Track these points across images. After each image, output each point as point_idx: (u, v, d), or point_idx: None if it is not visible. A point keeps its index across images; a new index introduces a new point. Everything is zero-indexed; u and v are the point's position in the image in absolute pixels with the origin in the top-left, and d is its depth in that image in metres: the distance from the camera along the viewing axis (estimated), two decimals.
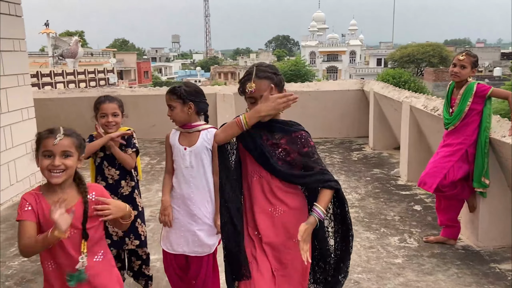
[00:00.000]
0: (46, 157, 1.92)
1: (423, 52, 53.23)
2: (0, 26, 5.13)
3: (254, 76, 2.03)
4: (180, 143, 2.74)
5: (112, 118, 2.94)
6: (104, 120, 2.94)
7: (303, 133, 2.10)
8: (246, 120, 2.02)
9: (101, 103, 2.95)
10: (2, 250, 4.02)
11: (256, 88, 2.02)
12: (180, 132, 2.78)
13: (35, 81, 27.24)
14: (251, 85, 2.02)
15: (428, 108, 4.91)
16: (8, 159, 5.23)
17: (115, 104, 2.96)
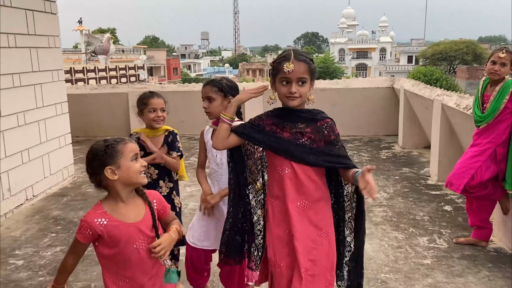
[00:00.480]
0: (135, 160, 1.98)
1: (456, 50, 51.85)
2: (36, 23, 5.29)
3: (293, 57, 2.00)
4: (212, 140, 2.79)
5: (161, 113, 2.99)
6: (154, 114, 2.97)
7: (328, 120, 2.09)
8: (224, 113, 2.13)
9: (149, 98, 2.99)
10: (36, 241, 4.16)
11: (294, 69, 1.98)
12: (213, 129, 2.80)
13: (69, 77, 28.01)
14: (289, 65, 1.98)
15: (460, 107, 4.78)
16: (42, 153, 5.39)
17: (162, 99, 3.02)
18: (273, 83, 2.11)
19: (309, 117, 2.08)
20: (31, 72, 5.21)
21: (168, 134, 3.04)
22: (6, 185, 4.74)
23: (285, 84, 2.02)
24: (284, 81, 2.02)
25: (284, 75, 2.00)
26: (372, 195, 1.83)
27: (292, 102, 2.03)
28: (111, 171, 1.94)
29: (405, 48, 76.01)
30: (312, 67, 2.05)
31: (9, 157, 4.78)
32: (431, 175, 5.68)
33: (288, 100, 2.03)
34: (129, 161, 1.94)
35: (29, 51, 5.18)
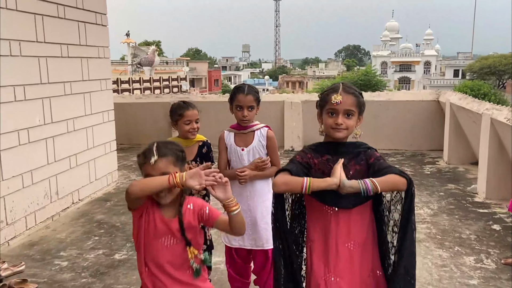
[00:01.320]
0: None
1: (505, 64, 49.85)
2: (87, 34, 5.53)
3: (342, 89, 2.00)
4: (236, 144, 2.86)
5: (195, 125, 3.01)
6: (189, 126, 2.99)
7: (369, 150, 2.05)
8: (309, 184, 1.89)
9: (185, 109, 2.98)
10: (80, 243, 4.30)
11: (342, 100, 1.97)
12: (235, 133, 2.89)
13: (115, 87, 29.01)
14: (337, 97, 1.98)
15: (511, 121, 4.57)
16: (88, 159, 5.59)
17: (196, 110, 3.04)
18: (320, 115, 2.09)
19: (352, 150, 2.04)
20: (81, 81, 5.44)
21: (203, 144, 3.05)
22: (54, 189, 4.94)
23: (332, 116, 2.01)
24: (330, 113, 2.01)
25: (331, 106, 2.00)
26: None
27: (338, 134, 2.01)
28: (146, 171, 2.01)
29: (451, 62, 73.76)
30: (360, 101, 2.04)
31: (58, 162, 4.98)
32: (479, 192, 5.44)
33: (334, 131, 2.01)
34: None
35: (80, 61, 5.42)
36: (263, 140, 2.85)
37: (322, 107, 2.06)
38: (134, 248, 2.13)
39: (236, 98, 2.82)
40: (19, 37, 4.37)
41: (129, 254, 4.01)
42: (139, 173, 7.29)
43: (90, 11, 5.58)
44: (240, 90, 2.82)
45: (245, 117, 2.79)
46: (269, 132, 2.89)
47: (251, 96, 2.80)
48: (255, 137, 2.85)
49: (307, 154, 2.07)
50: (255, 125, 2.88)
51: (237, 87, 2.90)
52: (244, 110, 2.79)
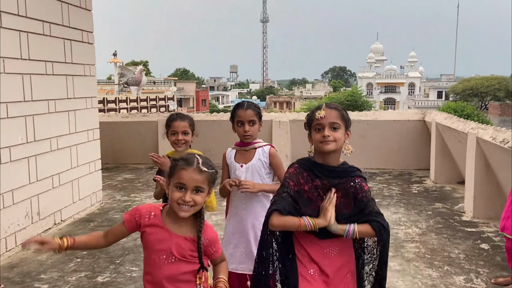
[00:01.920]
0: (178, 188, 1.88)
1: (487, 86, 51.00)
2: (73, 52, 5.48)
3: (324, 105, 2.10)
4: (236, 161, 2.81)
5: (182, 137, 2.98)
6: (174, 138, 2.99)
7: (358, 179, 2.10)
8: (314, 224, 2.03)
9: (173, 120, 3.00)
10: (62, 265, 4.15)
11: (326, 115, 2.06)
12: (236, 150, 2.85)
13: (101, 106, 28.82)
14: (321, 112, 2.07)
15: (497, 140, 4.61)
16: (72, 178, 5.47)
17: (186, 122, 3.01)
18: (310, 135, 2.16)
19: (343, 176, 2.10)
20: (66, 98, 5.36)
21: None
22: (36, 209, 4.80)
23: (319, 131, 2.08)
24: (317, 128, 2.08)
25: (317, 122, 2.08)
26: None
27: (326, 146, 2.07)
28: (167, 183, 1.95)
29: (434, 83, 75.21)
30: (344, 114, 2.12)
31: (40, 181, 4.86)
32: (466, 211, 5.44)
33: (322, 145, 2.07)
34: (173, 185, 1.90)
35: (65, 79, 5.35)
36: (264, 158, 2.79)
37: (310, 126, 2.14)
38: (117, 270, 2.06)
39: (236, 114, 2.79)
40: (3, 54, 4.30)
41: (112, 276, 3.89)
42: (124, 192, 7.15)
43: (76, 29, 5.55)
44: (239, 106, 2.80)
45: (247, 132, 2.74)
46: (271, 149, 2.85)
47: (251, 110, 2.77)
48: (256, 155, 2.79)
49: (300, 178, 2.11)
50: (257, 142, 2.84)
51: (237, 103, 2.89)
52: (245, 125, 2.74)
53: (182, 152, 2.99)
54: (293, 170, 2.14)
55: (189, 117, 3.07)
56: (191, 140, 3.05)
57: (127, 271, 3.98)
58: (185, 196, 1.85)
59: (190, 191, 1.86)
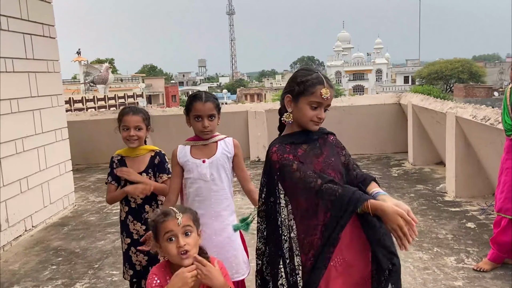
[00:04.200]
0: (168, 240, 1.81)
1: (451, 69, 52.31)
2: (34, 47, 5.14)
3: (327, 84, 1.89)
4: (194, 157, 2.47)
5: (134, 132, 2.68)
6: (126, 133, 2.69)
7: (331, 136, 2.05)
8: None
9: (124, 114, 2.71)
10: (36, 274, 3.90)
11: (330, 96, 1.89)
12: (191, 146, 2.51)
13: (68, 107, 27.95)
14: (327, 91, 1.87)
15: (477, 118, 4.59)
16: (41, 181, 5.17)
17: (140, 116, 2.71)
18: (291, 102, 1.93)
19: (318, 136, 2.00)
20: (30, 97, 5.03)
21: (155, 155, 2.75)
22: (4, 216, 4.49)
23: (314, 109, 1.90)
24: (314, 105, 1.89)
25: (318, 100, 1.88)
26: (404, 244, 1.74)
27: (315, 127, 1.94)
28: (159, 248, 1.87)
29: (401, 69, 76.68)
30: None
31: (7, 186, 4.55)
32: (448, 191, 5.44)
33: (313, 124, 1.93)
34: (165, 242, 1.81)
35: (28, 76, 5.02)
36: (229, 149, 2.51)
37: (301, 95, 1.89)
38: (97, 275, 1.89)
39: (193, 107, 2.43)
40: None
41: (91, 282, 3.66)
42: (98, 193, 6.84)
43: (36, 23, 5.21)
44: (197, 98, 2.44)
45: (206, 127, 2.41)
46: (235, 141, 2.57)
47: (211, 103, 2.42)
48: (219, 148, 2.48)
49: (285, 147, 1.93)
50: (216, 135, 2.52)
51: (193, 95, 2.49)
52: (204, 120, 2.41)
53: (136, 149, 2.74)
54: (276, 149, 1.93)
55: (143, 111, 2.76)
56: (146, 136, 2.77)
57: (107, 276, 3.76)
58: (179, 242, 1.79)
59: (181, 236, 1.80)
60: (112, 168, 2.77)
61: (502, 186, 3.36)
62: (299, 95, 1.90)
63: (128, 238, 2.72)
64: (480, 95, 38.89)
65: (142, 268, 2.71)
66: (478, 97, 36.91)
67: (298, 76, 1.94)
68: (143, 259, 2.68)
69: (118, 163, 2.77)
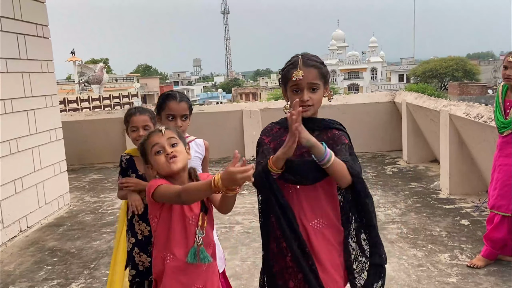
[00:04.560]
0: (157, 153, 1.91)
1: (446, 67, 52.52)
2: (28, 47, 5.13)
3: (301, 63, 1.86)
4: None
5: (143, 132, 2.68)
6: (135, 134, 2.70)
7: (337, 132, 1.94)
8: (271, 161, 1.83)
9: (132, 115, 2.73)
10: (31, 274, 3.89)
11: (304, 75, 1.84)
12: None
13: (62, 107, 27.85)
14: (298, 73, 1.84)
15: (471, 116, 4.62)
16: (36, 181, 5.15)
17: (147, 116, 2.73)
18: (285, 92, 1.96)
19: (321, 126, 1.94)
20: (24, 97, 5.02)
21: None
22: None
23: (296, 93, 1.88)
24: (295, 90, 1.88)
25: (293, 83, 1.87)
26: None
27: (305, 113, 1.86)
28: (151, 168, 1.93)
29: (395, 67, 76.80)
30: (323, 71, 1.91)
31: (1, 187, 4.54)
32: (442, 188, 5.47)
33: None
34: (153, 156, 1.89)
35: (21, 76, 5.00)
36: (200, 151, 2.54)
37: (285, 84, 1.93)
38: (92, 275, 1.87)
39: (167, 106, 2.44)
40: None
41: (87, 282, 3.66)
42: (93, 194, 6.83)
43: (30, 23, 5.19)
44: (171, 97, 2.46)
45: (179, 128, 2.40)
46: (205, 142, 2.63)
47: (185, 103, 2.46)
48: (192, 150, 2.45)
49: (274, 128, 1.98)
50: (187, 137, 2.52)
51: (167, 94, 2.52)
52: (177, 120, 2.42)
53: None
54: (264, 128, 2.02)
55: (149, 111, 2.78)
56: None
57: (102, 275, 3.75)
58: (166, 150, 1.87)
59: (168, 145, 1.88)
60: (121, 167, 2.78)
61: (495, 183, 3.39)
62: (284, 84, 1.94)
63: (133, 238, 2.72)
64: (474, 93, 39.06)
65: (144, 269, 2.71)
66: (472, 95, 37.07)
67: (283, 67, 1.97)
68: (146, 260, 2.68)
69: (127, 163, 2.77)
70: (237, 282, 3.46)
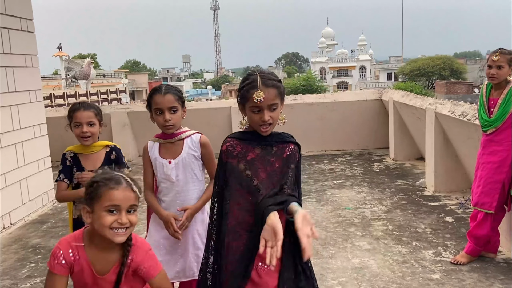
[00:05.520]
0: (109, 212, 1.66)
1: (433, 65, 52.99)
2: (11, 41, 5.04)
3: (261, 84, 1.85)
4: (162, 156, 2.41)
5: (86, 128, 2.62)
6: (79, 130, 2.63)
7: (292, 146, 1.97)
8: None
9: (75, 110, 2.64)
10: (14, 272, 3.84)
11: (265, 97, 1.84)
12: (160, 143, 2.44)
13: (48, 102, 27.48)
14: (259, 94, 1.84)
15: (456, 114, 4.66)
16: (19, 178, 5.08)
17: (92, 112, 2.65)
18: (243, 109, 1.96)
19: (279, 141, 1.97)
20: (7, 92, 4.94)
21: (110, 150, 2.69)
22: None
23: (257, 113, 1.88)
24: (255, 109, 1.88)
25: (254, 104, 1.86)
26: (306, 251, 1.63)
27: (266, 131, 1.90)
28: (86, 211, 1.71)
29: (384, 66, 77.28)
30: (281, 90, 1.94)
31: None
32: (427, 186, 5.52)
33: (262, 128, 1.90)
34: (102, 211, 1.66)
35: (5, 71, 4.92)
36: (195, 149, 2.42)
37: (244, 103, 1.92)
38: None
39: (153, 100, 2.34)
40: None
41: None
42: None
43: (13, 16, 5.11)
44: (156, 91, 2.36)
45: (168, 121, 2.32)
46: (202, 138, 2.46)
47: (171, 95, 2.33)
48: (184, 147, 2.40)
49: (236, 147, 1.96)
50: (183, 132, 2.42)
51: (154, 88, 2.42)
52: (165, 114, 2.32)
53: (90, 145, 2.68)
54: (226, 148, 1.98)
55: (95, 106, 2.70)
56: (99, 132, 2.71)
57: None
58: (121, 218, 1.66)
59: (125, 212, 1.68)
60: (64, 165, 2.70)
61: (479, 181, 3.43)
62: (243, 103, 1.93)
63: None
64: (461, 91, 39.49)
65: None
66: (459, 94, 37.45)
67: (240, 84, 1.96)
68: None
69: (71, 160, 2.71)
70: None
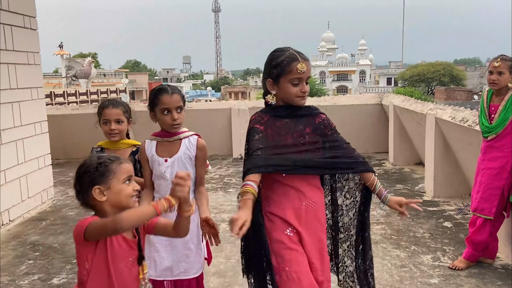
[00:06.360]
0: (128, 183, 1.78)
1: (433, 71, 53.18)
2: (14, 38, 5.05)
3: (301, 58, 2.03)
4: (158, 154, 2.44)
5: (115, 126, 2.65)
6: (107, 127, 2.65)
7: (323, 116, 2.17)
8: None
9: (104, 108, 2.67)
10: (12, 268, 3.83)
11: (306, 68, 2.03)
12: (157, 142, 2.47)
13: (49, 101, 27.49)
14: (303, 65, 2.01)
15: (456, 120, 4.68)
16: (19, 174, 5.08)
17: (120, 109, 2.68)
18: (273, 85, 2.08)
19: (306, 113, 2.14)
20: (9, 89, 4.94)
21: (137, 150, 2.69)
22: None
23: (296, 84, 2.03)
24: (295, 81, 2.03)
25: (297, 76, 2.01)
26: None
27: (303, 101, 2.09)
28: (100, 191, 1.73)
29: (384, 71, 77.51)
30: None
31: None
32: (427, 191, 5.54)
33: (300, 99, 2.07)
34: (121, 183, 1.75)
35: (7, 67, 4.93)
36: (191, 150, 2.44)
37: (280, 77, 2.04)
38: (75, 270, 1.85)
39: (160, 100, 2.37)
40: None
41: (69, 277, 3.62)
42: None
43: (17, 14, 5.11)
44: (163, 91, 2.39)
45: (176, 120, 2.37)
46: (199, 141, 2.47)
47: (178, 95, 2.38)
48: (182, 146, 2.42)
49: (264, 117, 2.12)
50: (182, 132, 2.45)
51: (158, 88, 2.44)
52: (173, 113, 2.36)
53: (117, 142, 2.70)
54: (254, 118, 2.15)
55: (124, 104, 2.73)
56: (128, 129, 2.74)
57: None
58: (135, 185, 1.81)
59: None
60: None
61: (478, 186, 3.44)
62: (278, 77, 2.04)
63: None
64: (460, 98, 39.56)
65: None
66: (458, 100, 37.51)
67: (272, 59, 2.08)
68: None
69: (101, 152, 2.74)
70: (221, 280, 3.47)
